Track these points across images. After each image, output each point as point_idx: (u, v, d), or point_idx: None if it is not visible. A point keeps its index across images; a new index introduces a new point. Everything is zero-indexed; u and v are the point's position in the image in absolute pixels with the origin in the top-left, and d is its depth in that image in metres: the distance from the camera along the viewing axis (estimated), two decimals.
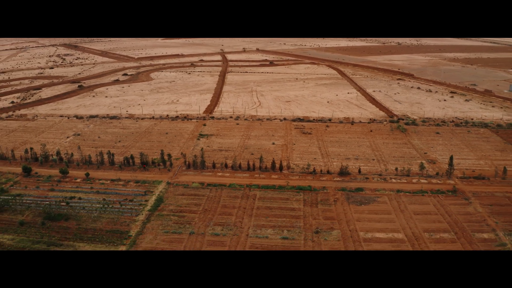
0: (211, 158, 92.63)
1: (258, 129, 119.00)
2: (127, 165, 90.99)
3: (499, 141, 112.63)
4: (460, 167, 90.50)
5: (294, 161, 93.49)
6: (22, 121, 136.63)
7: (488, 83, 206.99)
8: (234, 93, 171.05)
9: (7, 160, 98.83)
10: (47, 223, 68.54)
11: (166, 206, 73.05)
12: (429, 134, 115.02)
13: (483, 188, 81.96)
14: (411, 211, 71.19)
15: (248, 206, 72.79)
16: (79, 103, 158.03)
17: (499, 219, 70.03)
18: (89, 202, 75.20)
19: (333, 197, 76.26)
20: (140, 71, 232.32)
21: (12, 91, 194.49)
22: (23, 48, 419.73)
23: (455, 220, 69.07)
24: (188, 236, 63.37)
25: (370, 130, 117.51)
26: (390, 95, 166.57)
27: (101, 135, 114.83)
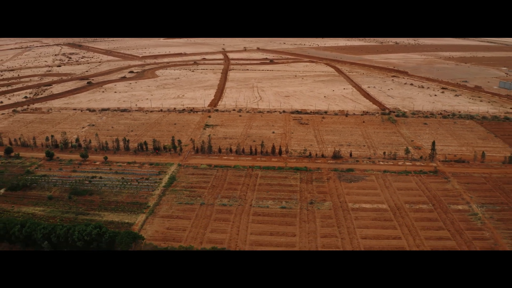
0: (217, 145, 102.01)
1: (259, 120, 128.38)
2: (141, 151, 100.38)
3: (482, 131, 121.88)
4: (443, 153, 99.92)
5: (292, 147, 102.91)
6: (38, 114, 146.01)
7: (479, 80, 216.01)
8: (236, 88, 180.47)
9: (29, 147, 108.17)
10: (73, 197, 77.84)
11: (179, 183, 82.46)
12: (417, 125, 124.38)
13: (462, 169, 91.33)
14: (395, 187, 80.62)
15: (251, 183, 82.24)
16: (90, 98, 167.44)
17: (473, 195, 79.38)
18: (109, 180, 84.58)
19: (326, 176, 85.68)
20: (146, 69, 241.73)
21: (23, 87, 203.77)
22: (27, 47, 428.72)
23: (434, 194, 78.47)
24: (199, 206, 72.85)
25: (363, 121, 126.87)
26: (383, 91, 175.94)
27: (114, 126, 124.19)
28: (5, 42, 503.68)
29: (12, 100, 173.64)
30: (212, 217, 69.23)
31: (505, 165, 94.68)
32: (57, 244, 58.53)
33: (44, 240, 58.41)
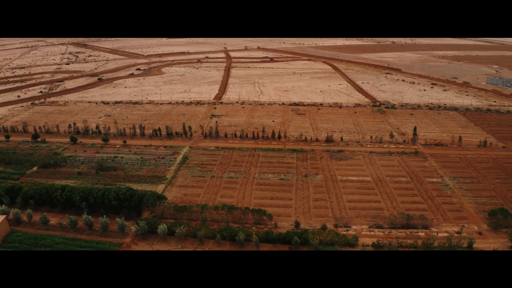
0: (223, 131, 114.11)
1: (260, 111, 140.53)
2: (155, 136, 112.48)
3: (464, 120, 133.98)
4: (425, 138, 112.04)
5: (290, 133, 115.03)
6: (55, 106, 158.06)
7: (469, 77, 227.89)
8: (239, 84, 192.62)
9: (53, 134, 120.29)
10: (100, 172, 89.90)
11: (191, 161, 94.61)
12: (404, 115, 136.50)
13: (440, 151, 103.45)
14: (379, 165, 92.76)
15: (254, 161, 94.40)
16: (102, 92, 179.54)
17: (447, 171, 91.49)
18: (130, 159, 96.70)
19: (319, 155, 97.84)
20: (152, 66, 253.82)
21: (37, 83, 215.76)
22: (33, 47, 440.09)
23: (412, 170, 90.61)
24: (210, 178, 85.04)
25: (355, 112, 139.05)
26: (376, 86, 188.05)
27: (128, 116, 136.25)
28: (9, 41, 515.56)
29: (28, 94, 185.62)
30: (222, 186, 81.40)
31: (479, 148, 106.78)
32: (94, 204, 70.60)
33: (83, 201, 70.47)
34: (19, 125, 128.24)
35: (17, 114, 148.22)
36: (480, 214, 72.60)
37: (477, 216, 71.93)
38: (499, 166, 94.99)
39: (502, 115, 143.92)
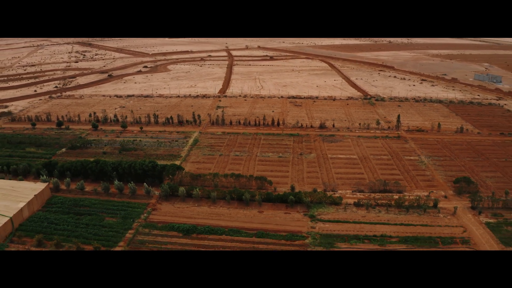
0: (228, 119, 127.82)
1: (261, 103, 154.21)
2: (168, 124, 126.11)
3: (446, 111, 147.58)
4: (408, 125, 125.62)
5: (288, 121, 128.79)
6: (72, 99, 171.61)
7: (458, 73, 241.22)
8: (241, 80, 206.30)
9: (75, 122, 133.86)
10: (123, 152, 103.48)
11: (201, 143, 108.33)
12: (392, 107, 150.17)
13: (420, 136, 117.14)
14: (365, 146, 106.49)
15: (256, 143, 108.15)
16: (114, 87, 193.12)
17: (424, 151, 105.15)
18: (147, 142, 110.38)
19: (313, 139, 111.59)
20: (158, 64, 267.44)
21: (50, 79, 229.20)
22: (39, 46, 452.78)
23: (394, 150, 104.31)
24: (218, 156, 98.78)
25: (347, 104, 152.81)
26: (369, 82, 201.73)
27: (141, 107, 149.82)
28: (14, 41, 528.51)
29: (44, 89, 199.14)
30: (229, 162, 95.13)
31: (456, 134, 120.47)
32: (122, 174, 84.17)
33: (114, 171, 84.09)
34: (42, 115, 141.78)
35: (37, 106, 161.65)
36: (448, 183, 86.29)
37: (445, 184, 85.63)
38: (471, 148, 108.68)
39: (482, 106, 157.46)
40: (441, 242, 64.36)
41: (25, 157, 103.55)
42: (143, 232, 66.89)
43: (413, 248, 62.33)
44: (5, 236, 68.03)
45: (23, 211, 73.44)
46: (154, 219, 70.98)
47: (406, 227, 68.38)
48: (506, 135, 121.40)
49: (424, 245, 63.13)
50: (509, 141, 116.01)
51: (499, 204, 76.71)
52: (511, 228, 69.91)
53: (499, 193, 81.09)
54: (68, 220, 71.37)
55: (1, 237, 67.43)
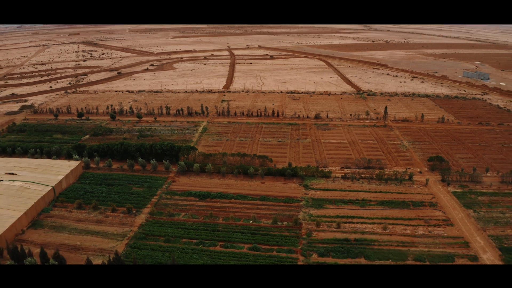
0: (233, 111, 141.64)
1: (262, 97, 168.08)
2: (179, 115, 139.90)
3: (432, 104, 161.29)
4: (394, 116, 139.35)
5: (287, 112, 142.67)
6: (87, 94, 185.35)
7: (449, 71, 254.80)
8: (243, 77, 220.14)
9: (93, 114, 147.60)
10: (141, 138, 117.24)
11: (209, 131, 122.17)
12: (382, 100, 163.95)
13: (405, 125, 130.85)
14: (354, 133, 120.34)
15: (258, 130, 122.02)
16: (125, 84, 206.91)
17: (407, 137, 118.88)
18: (162, 130, 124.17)
19: (309, 127, 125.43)
20: (163, 63, 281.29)
21: (62, 76, 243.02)
22: (45, 45, 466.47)
23: (380, 136, 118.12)
24: (225, 141, 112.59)
25: (341, 98, 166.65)
26: (363, 79, 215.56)
27: (153, 101, 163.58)
28: (19, 40, 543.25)
29: (58, 85, 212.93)
30: (235, 145, 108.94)
31: (438, 123, 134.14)
32: (144, 153, 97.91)
33: (137, 152, 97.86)
34: (61, 107, 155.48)
35: (55, 100, 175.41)
36: (424, 162, 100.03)
37: (421, 163, 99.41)
38: (450, 135, 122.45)
39: (466, 100, 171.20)
40: (412, 205, 78.16)
41: (53, 142, 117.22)
42: (165, 198, 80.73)
43: (388, 209, 76.12)
44: (49, 202, 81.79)
45: (62, 182, 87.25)
46: (174, 188, 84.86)
47: (384, 194, 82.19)
48: (483, 124, 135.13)
49: (398, 207, 76.94)
50: (485, 129, 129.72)
51: (466, 178, 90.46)
52: (474, 196, 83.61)
53: (468, 170, 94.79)
54: (101, 189, 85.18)
55: (46, 202, 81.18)
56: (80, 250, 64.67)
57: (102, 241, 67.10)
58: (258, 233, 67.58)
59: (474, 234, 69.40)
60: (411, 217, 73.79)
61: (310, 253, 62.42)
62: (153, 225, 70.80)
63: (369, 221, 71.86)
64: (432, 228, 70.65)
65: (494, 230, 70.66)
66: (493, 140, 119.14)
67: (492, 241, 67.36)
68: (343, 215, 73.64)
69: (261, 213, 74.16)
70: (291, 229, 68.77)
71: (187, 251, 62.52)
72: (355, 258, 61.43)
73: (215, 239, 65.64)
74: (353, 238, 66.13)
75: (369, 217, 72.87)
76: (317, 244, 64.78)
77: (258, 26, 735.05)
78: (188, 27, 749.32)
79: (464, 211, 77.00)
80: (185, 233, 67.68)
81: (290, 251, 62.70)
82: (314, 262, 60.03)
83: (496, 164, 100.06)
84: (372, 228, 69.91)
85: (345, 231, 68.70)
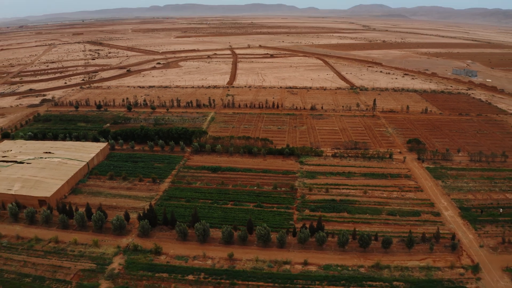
0: (237, 103, 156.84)
1: (263, 92, 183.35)
2: (188, 106, 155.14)
3: (418, 98, 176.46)
4: (383, 108, 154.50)
5: (286, 105, 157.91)
6: (101, 89, 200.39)
7: (439, 69, 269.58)
8: (245, 74, 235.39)
9: (110, 106, 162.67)
10: (156, 126, 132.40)
11: (217, 120, 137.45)
12: (373, 94, 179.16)
13: (391, 115, 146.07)
14: (345, 121, 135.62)
15: (260, 119, 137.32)
16: (135, 80, 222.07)
17: (392, 125, 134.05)
18: (175, 119, 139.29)
19: (305, 117, 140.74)
20: (169, 61, 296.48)
21: (74, 73, 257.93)
22: (51, 45, 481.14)
23: (368, 124, 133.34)
24: (231, 128, 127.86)
25: (335, 92, 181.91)
26: (357, 76, 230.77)
27: (163, 95, 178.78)
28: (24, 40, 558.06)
29: (72, 81, 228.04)
30: (240, 131, 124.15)
31: (421, 114, 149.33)
32: (162, 136, 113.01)
33: (155, 135, 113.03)
34: (80, 100, 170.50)
35: (72, 95, 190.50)
36: (404, 144, 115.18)
37: (402, 145, 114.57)
38: (431, 124, 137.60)
39: (451, 95, 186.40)
40: (390, 176, 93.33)
41: (78, 129, 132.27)
42: (183, 171, 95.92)
43: (370, 179, 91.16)
44: (84, 174, 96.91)
45: (94, 159, 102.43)
46: (189, 164, 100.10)
47: (367, 168, 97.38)
48: (463, 115, 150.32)
49: (377, 178, 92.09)
50: (464, 119, 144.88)
51: (439, 157, 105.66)
52: (444, 170, 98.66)
53: (442, 151, 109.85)
54: (128, 164, 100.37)
55: (82, 175, 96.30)
56: (117, 208, 79.78)
57: (134, 202, 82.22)
58: (261, 195, 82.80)
59: (440, 198, 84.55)
60: (388, 185, 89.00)
61: (303, 209, 77.66)
62: (175, 190, 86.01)
63: (353, 187, 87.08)
64: (405, 193, 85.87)
65: (457, 195, 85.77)
66: (469, 127, 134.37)
67: (454, 202, 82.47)
68: (332, 183, 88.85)
69: (264, 182, 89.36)
70: (288, 193, 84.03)
71: (205, 207, 77.75)
72: (339, 212, 76.66)
73: (226, 200, 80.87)
74: (338, 199, 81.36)
75: (353, 185, 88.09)
76: (309, 203, 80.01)
77: (258, 26, 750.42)
78: (190, 27, 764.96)
79: (433, 181, 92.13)
80: (202, 195, 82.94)
81: (287, 207, 77.93)
82: (306, 215, 75.28)
83: (468, 146, 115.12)
84: (354, 192, 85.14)
85: (332, 194, 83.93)
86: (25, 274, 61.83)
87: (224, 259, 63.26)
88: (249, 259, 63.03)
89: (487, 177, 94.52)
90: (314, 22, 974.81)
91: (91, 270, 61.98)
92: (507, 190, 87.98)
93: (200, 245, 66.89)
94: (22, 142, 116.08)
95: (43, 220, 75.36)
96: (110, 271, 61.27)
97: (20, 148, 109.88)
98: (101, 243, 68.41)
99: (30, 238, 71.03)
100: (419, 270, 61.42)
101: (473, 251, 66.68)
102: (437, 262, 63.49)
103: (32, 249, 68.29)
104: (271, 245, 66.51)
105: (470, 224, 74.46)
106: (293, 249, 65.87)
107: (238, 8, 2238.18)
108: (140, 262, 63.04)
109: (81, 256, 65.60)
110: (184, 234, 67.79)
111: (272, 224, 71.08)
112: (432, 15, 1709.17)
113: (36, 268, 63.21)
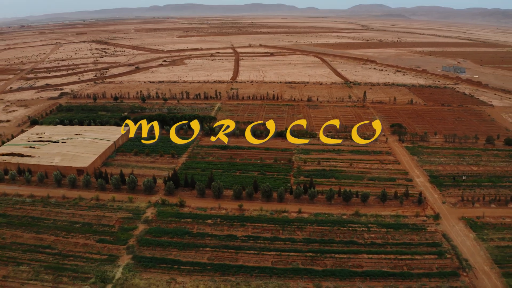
0: (241, 96, 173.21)
1: (264, 86, 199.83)
2: (197, 98, 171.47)
3: (406, 92, 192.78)
4: (372, 99, 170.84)
5: (284, 97, 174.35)
6: (114, 84, 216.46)
7: (430, 66, 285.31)
8: (247, 71, 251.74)
9: (125, 98, 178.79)
10: (170, 114, 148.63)
11: (223, 109, 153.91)
12: (364, 88, 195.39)
13: (379, 106, 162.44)
14: (338, 111, 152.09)
15: (262, 109, 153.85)
16: (145, 76, 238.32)
17: (379, 113, 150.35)
18: (185, 108, 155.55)
19: (302, 107, 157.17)
20: (175, 59, 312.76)
21: (86, 70, 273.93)
22: (58, 44, 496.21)
23: (358, 113, 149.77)
24: (236, 116, 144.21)
25: (330, 87, 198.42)
26: (352, 72, 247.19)
27: (172, 89, 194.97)
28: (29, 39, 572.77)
29: (85, 77, 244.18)
30: (244, 119, 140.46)
31: (407, 105, 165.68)
32: (177, 121, 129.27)
33: (171, 120, 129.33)
34: (97, 93, 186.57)
35: (87, 89, 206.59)
36: (388, 129, 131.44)
37: (386, 130, 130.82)
38: (414, 113, 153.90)
39: (438, 89, 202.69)
40: (373, 153, 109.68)
41: (100, 117, 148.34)
42: (197, 149, 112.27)
43: (355, 155, 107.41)
44: (112, 152, 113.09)
45: (119, 140, 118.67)
46: (201, 144, 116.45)
47: (354, 146, 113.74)
48: (445, 105, 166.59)
49: (362, 154, 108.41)
50: (446, 109, 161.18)
51: (418, 138, 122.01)
52: (420, 149, 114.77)
53: (421, 134, 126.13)
54: (148, 144, 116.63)
55: (110, 152, 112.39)
56: (144, 175, 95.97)
57: (157, 171, 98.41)
58: (264, 166, 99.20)
59: (414, 169, 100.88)
60: (371, 159, 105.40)
61: (299, 176, 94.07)
62: (191, 163, 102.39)
63: (341, 161, 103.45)
64: (384, 165, 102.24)
65: (429, 167, 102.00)
66: (449, 116, 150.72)
67: (426, 172, 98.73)
68: (323, 158, 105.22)
69: (266, 156, 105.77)
70: (286, 165, 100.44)
71: (217, 174, 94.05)
72: (329, 178, 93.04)
73: (235, 169, 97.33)
74: (328, 169, 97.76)
75: (341, 159, 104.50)
76: (304, 172, 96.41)
77: (258, 26, 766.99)
78: (191, 27, 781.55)
79: (410, 156, 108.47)
80: (214, 166, 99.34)
81: (285, 175, 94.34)
82: (301, 180, 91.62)
83: (445, 131, 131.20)
84: (342, 164, 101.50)
85: (323, 166, 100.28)
86: (75, 222, 77.75)
87: (235, 209, 79.69)
88: (255, 209, 79.43)
89: (457, 154, 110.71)
90: (313, 22, 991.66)
91: (129, 218, 78.21)
92: (472, 164, 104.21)
93: (215, 200, 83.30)
94: (52, 127, 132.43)
95: (84, 184, 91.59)
96: (145, 218, 77.57)
97: (52, 132, 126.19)
98: (135, 200, 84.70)
99: (74, 197, 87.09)
100: (390, 217, 77.74)
101: (436, 206, 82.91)
102: (405, 212, 79.83)
103: (77, 205, 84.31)
104: (272, 199, 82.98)
105: (437, 187, 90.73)
106: (290, 202, 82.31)
107: (238, 8, 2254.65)
108: (168, 212, 79.36)
109: (119, 209, 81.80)
110: (202, 192, 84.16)
111: (273, 186, 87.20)
112: (432, 15, 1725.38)
113: (83, 218, 79.21)
